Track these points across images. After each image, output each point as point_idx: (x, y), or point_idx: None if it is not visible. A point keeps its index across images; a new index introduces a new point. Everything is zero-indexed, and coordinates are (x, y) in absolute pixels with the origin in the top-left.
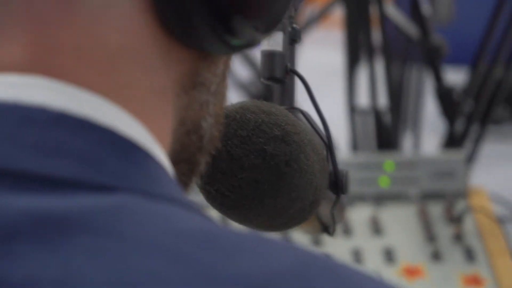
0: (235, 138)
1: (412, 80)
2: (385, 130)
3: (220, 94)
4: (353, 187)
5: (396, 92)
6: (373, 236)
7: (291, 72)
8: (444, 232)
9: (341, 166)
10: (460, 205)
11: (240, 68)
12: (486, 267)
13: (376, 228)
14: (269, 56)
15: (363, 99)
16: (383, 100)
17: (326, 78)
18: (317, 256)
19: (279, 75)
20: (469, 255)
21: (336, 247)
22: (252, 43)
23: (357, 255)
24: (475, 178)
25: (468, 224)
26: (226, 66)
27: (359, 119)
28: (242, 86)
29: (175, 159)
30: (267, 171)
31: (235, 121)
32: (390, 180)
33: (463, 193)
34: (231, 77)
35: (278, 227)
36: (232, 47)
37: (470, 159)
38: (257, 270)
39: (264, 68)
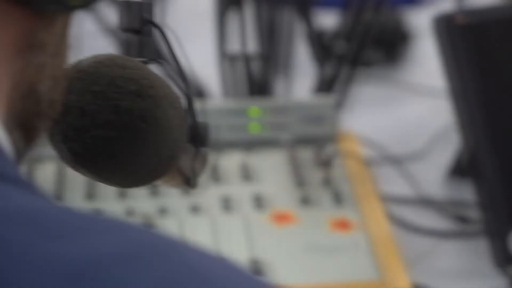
0: (88, 93)
1: (283, 24)
2: (257, 76)
3: (60, 55)
4: (223, 134)
5: (267, 37)
6: (243, 182)
7: (149, 22)
8: (313, 177)
9: (207, 117)
10: (329, 150)
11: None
12: (354, 210)
13: (246, 174)
14: (125, 6)
15: (236, 44)
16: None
17: (200, 22)
18: (152, 237)
19: (137, 26)
20: (338, 199)
21: (206, 195)
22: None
23: (227, 202)
24: (345, 122)
25: (337, 169)
26: (66, 26)
27: (230, 65)
28: (112, 32)
29: (11, 126)
30: (121, 128)
31: (88, 76)
32: (260, 126)
33: (332, 138)
34: (102, 24)
35: (137, 183)
36: (70, 5)
37: (340, 103)
38: (85, 252)
39: (121, 19)
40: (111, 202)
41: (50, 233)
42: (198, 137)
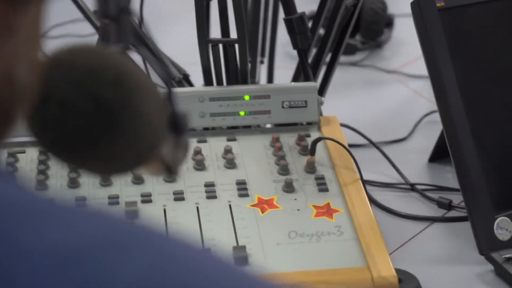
0: (66, 83)
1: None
2: (238, 62)
3: (35, 37)
4: (206, 121)
5: (249, 23)
6: (226, 169)
7: (125, 10)
8: (297, 163)
9: (189, 103)
10: (313, 136)
11: None
12: (338, 196)
13: (230, 161)
14: None
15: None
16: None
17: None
18: (134, 226)
19: (113, 13)
20: (321, 185)
21: (190, 182)
22: None
23: (211, 189)
24: (328, 108)
25: (320, 155)
26: (40, 10)
27: (211, 51)
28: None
29: None
30: (100, 116)
31: (66, 65)
32: (243, 113)
33: (315, 124)
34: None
35: (117, 170)
36: None
37: (322, 89)
38: (67, 240)
39: (98, 6)
40: (95, 189)
41: (30, 222)
42: (178, 125)
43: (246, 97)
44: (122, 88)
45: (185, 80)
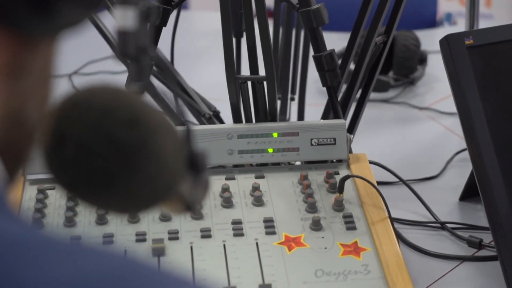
0: (82, 124)
1: (296, 46)
2: (268, 100)
3: (45, 77)
4: (234, 158)
5: (279, 60)
6: (254, 207)
7: (143, 50)
8: (325, 200)
9: (218, 140)
10: (342, 174)
11: None
12: (366, 235)
13: (258, 198)
14: (121, 33)
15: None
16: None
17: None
18: (125, 262)
19: (131, 53)
20: (349, 223)
21: (217, 219)
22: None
23: (238, 227)
24: (358, 145)
25: (349, 192)
26: (52, 49)
27: (240, 89)
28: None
29: None
30: (115, 158)
31: (82, 106)
32: (272, 150)
33: (345, 161)
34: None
35: (135, 209)
36: (54, 27)
37: (352, 126)
38: (60, 277)
39: (118, 45)
40: (122, 226)
41: (31, 260)
42: (196, 164)
43: (275, 135)
44: (138, 129)
45: (215, 116)
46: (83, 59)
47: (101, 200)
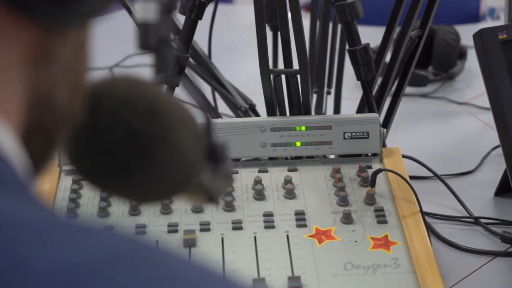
0: (101, 113)
1: (333, 40)
2: (302, 93)
3: (77, 64)
4: (267, 151)
5: (316, 53)
6: (286, 199)
7: (164, 42)
8: (357, 194)
9: (251, 133)
10: (374, 167)
11: None
12: (397, 229)
13: (289, 191)
14: (142, 26)
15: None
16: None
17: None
18: (132, 246)
19: (152, 45)
20: (380, 217)
21: (249, 211)
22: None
23: (269, 219)
24: (392, 139)
25: (381, 186)
26: (82, 35)
27: (274, 82)
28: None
29: (29, 135)
30: (132, 147)
31: (101, 96)
32: (305, 143)
33: (378, 155)
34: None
35: (153, 199)
36: (78, 16)
37: (387, 120)
38: (65, 259)
39: (138, 38)
40: (155, 217)
41: (38, 241)
42: (216, 156)
43: (307, 128)
44: (155, 119)
45: (251, 110)
46: (124, 52)
47: (118, 189)
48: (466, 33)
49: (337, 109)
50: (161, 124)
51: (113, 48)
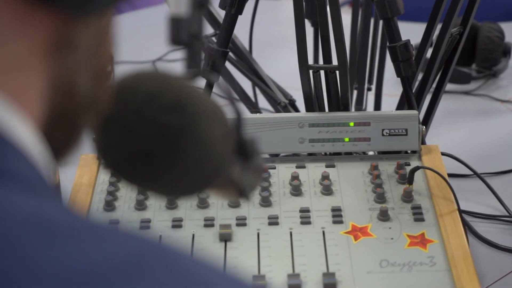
0: (129, 108)
1: (374, 36)
2: (340, 89)
3: (100, 52)
4: (305, 147)
5: (357, 49)
6: (322, 195)
7: (196, 37)
8: (394, 191)
9: (290, 128)
10: (413, 165)
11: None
12: (434, 227)
13: (327, 187)
14: (173, 20)
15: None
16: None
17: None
18: (152, 248)
19: (184, 40)
20: (417, 215)
21: (285, 207)
22: None
23: (306, 214)
24: (432, 137)
25: (419, 184)
26: (104, 23)
27: (312, 77)
28: None
29: (53, 123)
30: (160, 142)
31: (129, 90)
32: (343, 139)
33: (416, 152)
34: None
35: (180, 194)
36: (100, 2)
37: (427, 117)
38: (82, 263)
39: (169, 33)
40: (191, 211)
41: (51, 240)
42: (246, 151)
43: (346, 124)
44: (183, 113)
45: (291, 105)
46: (167, 46)
47: (145, 182)
48: (510, 30)
49: (377, 106)
50: (189, 118)
51: (156, 42)
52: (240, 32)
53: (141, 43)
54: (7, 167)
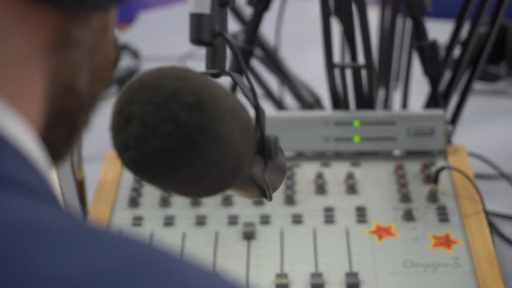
0: (149, 104)
1: (402, 35)
2: (366, 87)
3: (99, 50)
4: (330, 145)
5: (385, 48)
6: (347, 194)
7: (219, 35)
8: (419, 191)
9: (316, 127)
10: (438, 164)
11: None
12: (459, 228)
13: (351, 186)
14: (196, 18)
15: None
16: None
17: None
18: (151, 254)
19: (206, 38)
20: (442, 215)
21: (309, 205)
22: None
23: (329, 213)
24: (458, 137)
25: (444, 184)
26: (105, 21)
27: (338, 76)
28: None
29: (52, 121)
30: (179, 139)
31: (150, 87)
32: (368, 138)
33: (442, 152)
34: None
35: (200, 193)
36: (99, 1)
37: (454, 117)
38: (81, 267)
39: (192, 31)
40: (215, 209)
41: (49, 246)
42: (267, 150)
43: (371, 123)
44: (203, 111)
45: (317, 103)
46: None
47: (164, 181)
48: None
49: (404, 104)
50: (208, 115)
51: (186, 37)
52: (267, 30)
53: (169, 39)
54: (5, 171)
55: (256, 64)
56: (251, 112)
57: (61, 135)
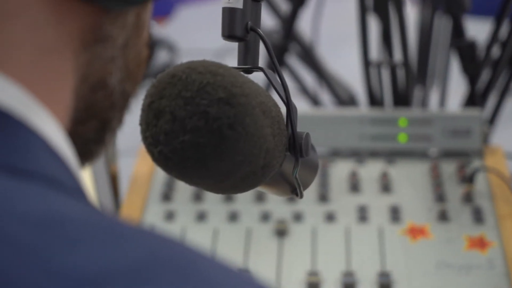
0: (179, 99)
1: (440, 32)
2: (403, 85)
3: (132, 47)
4: (366, 144)
5: (422, 46)
6: (381, 193)
7: (252, 30)
8: (454, 192)
9: (352, 125)
10: (474, 165)
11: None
12: (494, 229)
13: (386, 185)
14: (229, 13)
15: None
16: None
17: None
18: (172, 250)
19: (239, 33)
20: (477, 216)
21: (343, 204)
22: None
23: (363, 212)
24: (496, 137)
25: (480, 185)
26: (139, 18)
27: (374, 73)
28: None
29: (82, 117)
30: (209, 134)
31: (180, 81)
32: (404, 137)
33: (479, 152)
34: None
35: (229, 189)
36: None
37: (491, 118)
38: (100, 264)
39: (224, 26)
40: (248, 205)
41: (71, 241)
42: (296, 147)
43: (407, 122)
44: (232, 107)
45: (352, 100)
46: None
47: (192, 176)
48: None
49: (442, 103)
50: (238, 111)
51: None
52: (304, 27)
53: (209, 33)
54: (34, 165)
55: (293, 60)
56: (283, 109)
57: (91, 132)
